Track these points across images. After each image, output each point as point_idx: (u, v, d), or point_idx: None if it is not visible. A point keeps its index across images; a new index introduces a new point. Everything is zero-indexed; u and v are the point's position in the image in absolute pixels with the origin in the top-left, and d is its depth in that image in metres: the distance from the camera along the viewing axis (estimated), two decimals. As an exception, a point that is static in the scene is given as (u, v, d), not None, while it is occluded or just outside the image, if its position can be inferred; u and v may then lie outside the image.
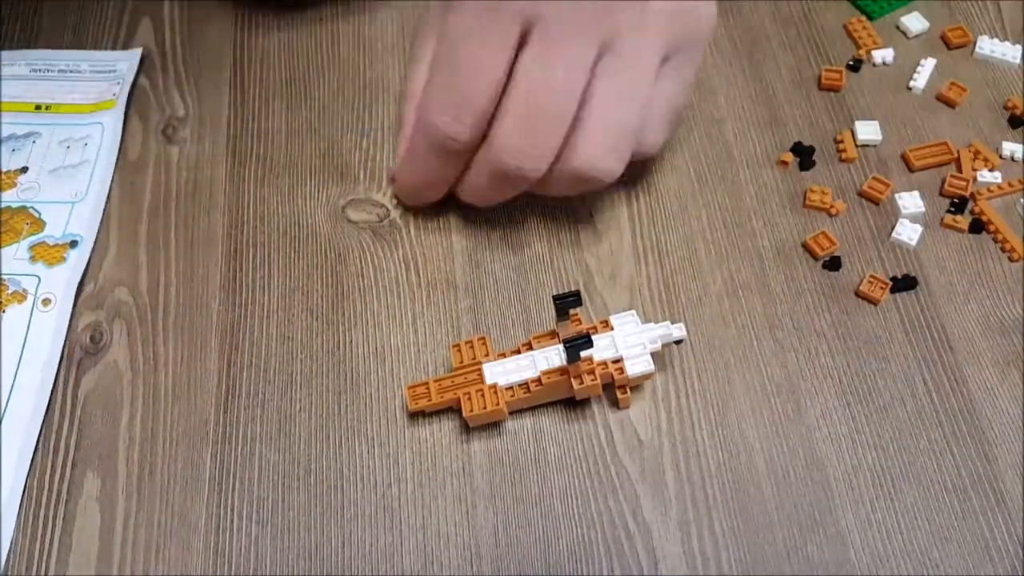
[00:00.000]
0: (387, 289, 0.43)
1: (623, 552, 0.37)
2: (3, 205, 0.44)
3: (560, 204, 0.45)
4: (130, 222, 0.45)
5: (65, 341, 0.41)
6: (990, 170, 0.46)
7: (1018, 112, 0.48)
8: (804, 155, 0.46)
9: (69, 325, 0.42)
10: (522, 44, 0.38)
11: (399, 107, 0.48)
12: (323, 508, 0.38)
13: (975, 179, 0.45)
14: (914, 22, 0.51)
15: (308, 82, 0.49)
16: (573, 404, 0.40)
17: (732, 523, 0.37)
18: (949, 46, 0.51)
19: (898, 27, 0.51)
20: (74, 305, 0.42)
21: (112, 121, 0.48)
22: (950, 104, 0.48)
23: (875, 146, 0.47)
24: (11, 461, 0.38)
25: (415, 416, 0.40)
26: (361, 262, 0.44)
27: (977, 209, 0.45)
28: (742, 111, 0.48)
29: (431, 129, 0.40)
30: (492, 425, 0.39)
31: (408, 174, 0.43)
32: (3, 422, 0.39)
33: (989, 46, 0.50)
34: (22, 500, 0.38)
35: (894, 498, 0.38)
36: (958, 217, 0.44)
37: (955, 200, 0.45)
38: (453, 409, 0.39)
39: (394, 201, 0.45)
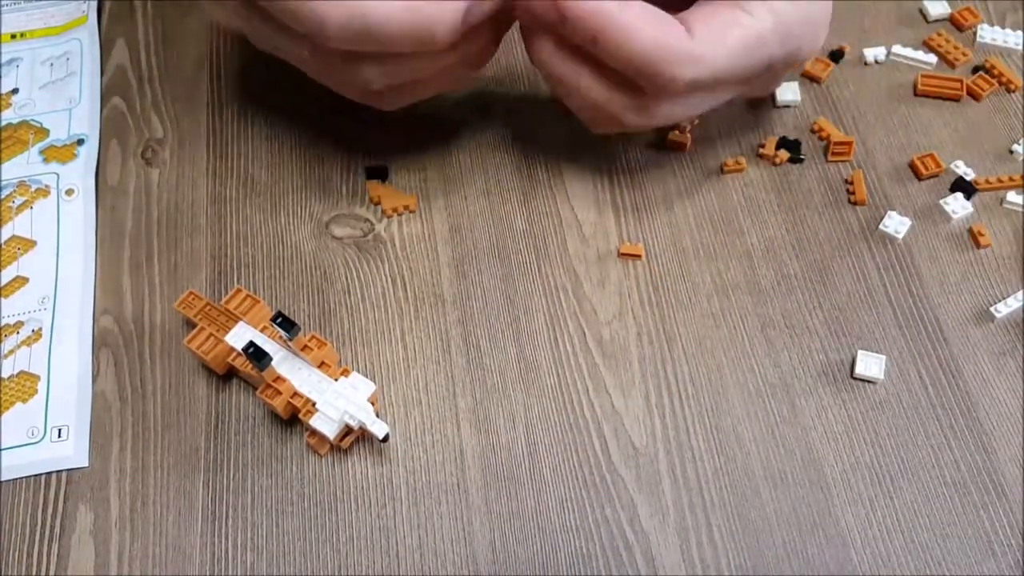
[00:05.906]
0: (374, 305, 0.43)
1: (622, 562, 0.36)
2: (3, 123, 0.48)
3: (544, 209, 0.45)
4: (113, 248, 0.44)
5: (96, 223, 0.45)
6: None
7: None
8: (791, 149, 0.46)
9: (97, 209, 0.45)
10: None
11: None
12: (318, 532, 0.37)
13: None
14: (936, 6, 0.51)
15: (286, 97, 0.49)
16: (566, 414, 0.39)
17: (731, 528, 0.37)
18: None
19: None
20: (96, 191, 0.46)
21: (88, 34, 0.51)
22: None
23: (795, 106, 0.48)
24: (72, 340, 0.41)
25: (408, 434, 0.39)
26: (347, 279, 0.43)
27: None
28: (724, 106, 0.48)
29: None
30: (486, 439, 0.39)
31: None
32: (56, 302, 0.42)
33: (991, 34, 0.49)
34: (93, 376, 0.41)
35: (893, 496, 0.37)
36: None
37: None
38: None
39: (378, 215, 0.45)
